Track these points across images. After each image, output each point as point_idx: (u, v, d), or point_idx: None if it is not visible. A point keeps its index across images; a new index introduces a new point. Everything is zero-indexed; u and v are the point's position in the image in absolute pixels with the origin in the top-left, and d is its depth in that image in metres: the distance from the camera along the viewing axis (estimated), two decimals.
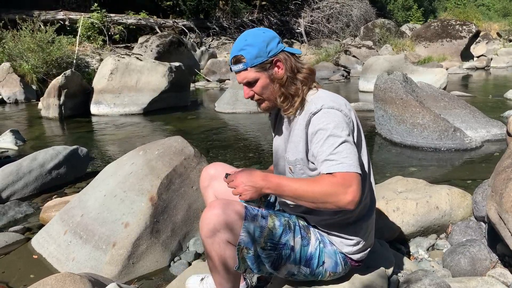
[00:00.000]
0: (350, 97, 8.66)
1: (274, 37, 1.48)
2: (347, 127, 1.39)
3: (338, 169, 1.31)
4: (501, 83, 10.77)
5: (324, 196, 1.30)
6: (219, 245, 1.37)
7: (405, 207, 2.28)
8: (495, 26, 28.24)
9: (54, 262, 2.16)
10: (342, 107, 1.44)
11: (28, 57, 9.49)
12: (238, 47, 1.47)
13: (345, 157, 1.33)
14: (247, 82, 1.49)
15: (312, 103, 1.46)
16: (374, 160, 4.12)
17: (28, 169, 3.23)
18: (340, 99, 1.50)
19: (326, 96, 1.48)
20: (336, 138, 1.36)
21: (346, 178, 1.29)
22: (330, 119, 1.39)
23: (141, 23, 15.60)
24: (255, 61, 1.45)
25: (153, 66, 7.42)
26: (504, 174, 1.80)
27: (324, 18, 20.38)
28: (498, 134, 4.48)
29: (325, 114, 1.40)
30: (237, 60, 1.46)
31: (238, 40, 1.49)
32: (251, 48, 1.44)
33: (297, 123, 1.50)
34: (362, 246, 1.55)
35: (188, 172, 2.40)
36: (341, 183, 1.29)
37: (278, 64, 1.47)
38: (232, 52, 1.49)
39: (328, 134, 1.36)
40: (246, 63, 1.45)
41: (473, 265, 1.90)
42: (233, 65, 1.49)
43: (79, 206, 2.35)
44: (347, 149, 1.34)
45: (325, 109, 1.41)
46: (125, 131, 5.91)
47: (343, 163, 1.32)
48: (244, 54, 1.45)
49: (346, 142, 1.35)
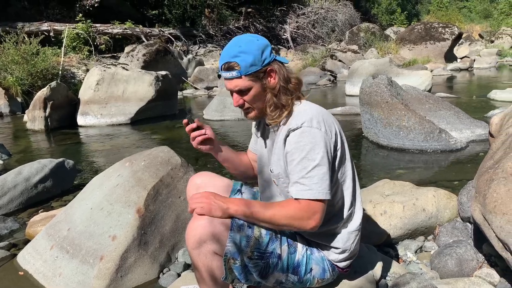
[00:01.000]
0: (337, 101, 8.72)
1: (268, 45, 1.47)
2: (325, 148, 1.39)
3: (306, 196, 1.36)
4: (484, 84, 10.95)
5: (289, 220, 1.37)
6: (206, 256, 1.36)
7: (392, 210, 2.30)
8: (477, 28, 28.79)
9: (40, 278, 2.12)
10: (322, 124, 1.42)
11: (12, 70, 9.39)
12: (231, 53, 1.42)
13: (316, 183, 1.36)
14: (239, 90, 1.46)
15: (294, 118, 1.45)
16: (362, 163, 4.15)
17: (13, 184, 3.18)
18: (322, 114, 1.47)
19: (309, 110, 1.46)
20: (310, 162, 1.37)
21: (312, 206, 1.37)
22: (307, 139, 1.38)
23: (127, 32, 15.56)
24: (250, 69, 1.42)
25: (140, 76, 7.39)
26: (486, 175, 1.83)
27: (310, 24, 20.55)
28: (482, 134, 4.55)
29: (303, 133, 1.39)
30: (230, 67, 1.42)
31: (231, 46, 1.45)
32: (246, 55, 1.41)
33: (279, 136, 1.50)
34: (348, 254, 1.56)
35: (175, 182, 2.39)
36: (306, 210, 1.36)
37: (271, 74, 1.46)
38: (223, 57, 1.44)
39: (303, 156, 1.38)
40: (240, 71, 1.41)
41: (460, 266, 1.92)
42: (224, 71, 1.44)
43: (66, 220, 2.32)
44: (319, 174, 1.37)
45: (305, 127, 1.39)
46: (112, 141, 5.87)
47: (312, 189, 1.36)
48: (239, 61, 1.41)
49: (320, 166, 1.37)
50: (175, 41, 16.66)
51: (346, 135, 1.58)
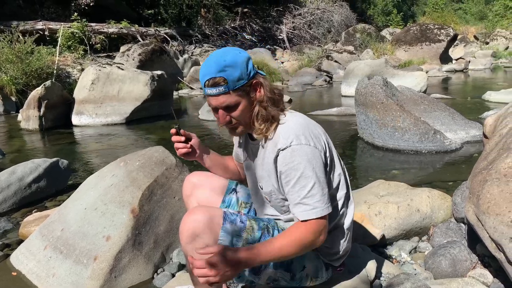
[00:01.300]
0: (333, 102, 8.74)
1: (250, 58, 1.42)
2: (317, 162, 1.38)
3: (313, 216, 1.36)
4: (479, 85, 11.01)
5: (300, 246, 1.36)
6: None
7: (387, 210, 2.31)
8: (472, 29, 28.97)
9: (33, 278, 2.11)
10: (311, 139, 1.39)
11: (6, 68, 9.32)
12: (216, 68, 1.34)
13: (318, 201, 1.37)
14: (227, 107, 1.38)
15: (280, 136, 1.40)
16: (357, 164, 4.16)
17: (6, 184, 3.16)
18: (307, 126, 1.44)
19: (294, 126, 1.42)
20: (307, 180, 1.36)
21: (319, 224, 1.37)
22: (300, 158, 1.36)
23: (123, 32, 15.50)
24: (238, 83, 1.35)
25: (135, 75, 7.37)
26: (480, 176, 1.84)
27: (306, 24, 20.58)
28: (477, 135, 4.57)
29: (294, 152, 1.36)
30: (216, 83, 1.34)
31: (214, 60, 1.36)
32: (233, 69, 1.34)
33: (266, 153, 1.47)
34: (341, 253, 1.57)
35: (170, 183, 2.39)
36: (315, 230, 1.37)
37: (256, 87, 1.41)
38: (207, 73, 1.35)
39: (298, 175, 1.36)
40: (228, 86, 1.34)
41: (454, 266, 1.92)
42: (210, 87, 1.35)
43: (59, 220, 2.31)
44: (319, 191, 1.37)
45: (294, 145, 1.36)
46: (107, 141, 5.84)
47: (316, 208, 1.36)
48: (226, 76, 1.33)
49: (318, 182, 1.37)
50: (171, 41, 16.62)
51: (341, 135, 1.59)
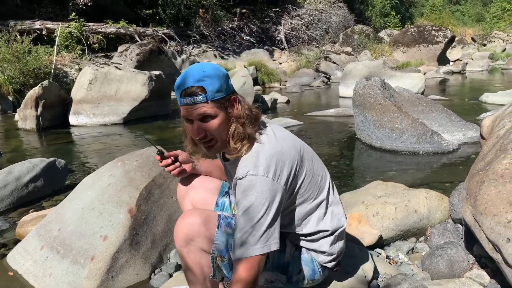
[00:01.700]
0: (331, 103, 8.75)
1: (228, 75, 1.38)
2: (271, 196, 1.30)
3: (249, 254, 1.29)
4: (476, 87, 11.05)
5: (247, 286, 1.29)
6: (194, 254, 1.37)
7: (385, 211, 2.31)
8: (469, 31, 29.08)
9: (30, 278, 2.10)
10: (271, 171, 1.31)
11: (4, 68, 9.29)
12: (194, 77, 1.29)
13: (259, 237, 1.29)
14: (204, 117, 1.32)
15: (241, 165, 1.35)
16: (354, 164, 4.17)
17: (3, 183, 3.14)
18: (274, 156, 1.34)
19: (256, 153, 1.34)
20: (254, 213, 1.29)
21: (256, 261, 1.30)
22: (253, 189, 1.29)
23: (121, 32, 15.47)
24: (216, 95, 1.30)
25: (133, 75, 7.36)
26: (477, 177, 1.84)
27: (304, 25, 20.61)
28: (474, 136, 4.58)
29: (248, 182, 1.29)
30: (193, 92, 1.29)
31: (193, 71, 1.32)
32: (212, 80, 1.30)
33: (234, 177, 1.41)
34: (335, 255, 1.57)
35: (168, 183, 2.38)
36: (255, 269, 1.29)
37: (234, 103, 1.36)
38: (185, 82, 1.30)
39: (247, 206, 1.29)
40: (207, 95, 1.29)
41: (451, 267, 1.93)
42: (186, 97, 1.30)
43: (56, 220, 2.30)
44: (263, 226, 1.29)
45: (250, 176, 1.30)
46: (104, 141, 5.83)
47: (255, 245, 1.29)
48: (205, 85, 1.29)
49: (264, 216, 1.29)
50: (169, 41, 16.61)
51: (339, 136, 1.59)
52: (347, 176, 3.68)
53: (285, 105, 8.83)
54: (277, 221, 1.33)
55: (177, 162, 1.65)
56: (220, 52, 17.25)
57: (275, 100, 8.50)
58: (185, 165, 1.70)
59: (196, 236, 1.34)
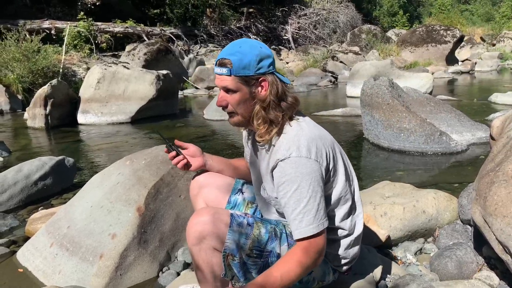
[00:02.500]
0: (338, 103, 8.72)
1: (269, 56, 1.40)
2: (316, 177, 1.35)
3: (306, 233, 1.34)
4: (485, 87, 10.95)
5: (304, 271, 1.36)
6: (206, 252, 1.37)
7: (393, 212, 2.30)
8: (478, 30, 28.79)
9: (40, 275, 2.12)
10: (313, 152, 1.36)
11: (13, 67, 9.38)
12: (229, 50, 1.38)
13: (313, 216, 1.34)
14: (226, 89, 1.40)
15: (281, 147, 1.38)
16: (362, 165, 4.15)
17: (13, 181, 3.18)
18: (313, 137, 1.39)
19: (298, 137, 1.38)
20: (302, 194, 1.33)
21: (315, 243, 1.35)
22: (298, 170, 1.33)
23: (128, 31, 15.55)
24: (241, 71, 1.36)
25: (141, 74, 7.39)
26: (487, 177, 1.83)
27: (311, 25, 20.56)
28: (483, 137, 4.55)
29: (292, 164, 1.33)
30: (222, 63, 1.37)
31: (232, 44, 1.41)
32: (242, 56, 1.36)
33: (270, 159, 1.44)
34: (349, 259, 1.57)
35: (176, 181, 2.39)
36: (312, 251, 1.35)
37: (263, 84, 1.39)
38: (222, 53, 1.40)
39: (295, 188, 1.34)
40: (232, 69, 1.36)
41: (459, 268, 1.91)
42: (217, 66, 1.40)
43: (65, 218, 2.32)
44: (314, 206, 1.34)
45: (293, 157, 1.34)
46: (112, 140, 5.86)
47: (309, 225, 1.34)
48: (233, 60, 1.36)
49: (313, 198, 1.34)
50: (176, 41, 16.66)
51: (346, 136, 1.59)
52: None
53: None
54: (324, 199, 1.38)
55: (182, 155, 1.65)
56: None
57: None
58: (195, 159, 1.69)
59: (208, 235, 1.35)
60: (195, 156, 1.68)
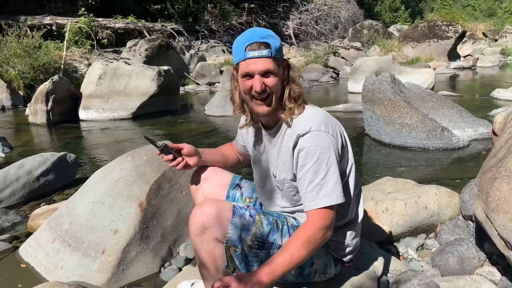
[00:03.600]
0: (340, 99, 8.71)
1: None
2: (333, 151, 1.41)
3: (324, 203, 1.37)
4: (487, 83, 10.92)
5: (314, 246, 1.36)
6: (208, 243, 1.38)
7: (394, 207, 2.30)
8: (480, 26, 28.63)
9: (42, 270, 2.13)
10: (330, 128, 1.43)
11: (14, 63, 9.37)
12: (260, 34, 1.39)
13: (331, 188, 1.38)
14: (267, 71, 1.39)
15: (300, 124, 1.44)
16: (363, 160, 4.15)
17: (15, 177, 3.18)
18: (327, 117, 1.48)
19: (313, 114, 1.47)
20: (321, 166, 1.38)
21: (326, 216, 1.38)
22: (318, 143, 1.39)
23: (129, 27, 15.52)
24: (278, 53, 1.41)
25: (142, 70, 7.38)
26: (489, 173, 1.82)
27: (313, 20, 20.48)
28: (485, 133, 4.54)
29: (313, 137, 1.40)
30: (262, 45, 1.37)
31: (256, 31, 1.41)
32: (274, 39, 1.40)
33: (284, 141, 1.49)
34: (352, 248, 1.57)
35: (177, 177, 2.39)
36: (322, 224, 1.37)
37: (288, 67, 1.47)
38: (251, 38, 1.38)
39: (314, 160, 1.38)
40: (271, 51, 1.38)
41: (461, 264, 1.92)
42: (253, 50, 1.37)
43: (67, 214, 2.33)
44: (332, 179, 1.39)
45: (313, 131, 1.40)
46: (114, 136, 5.87)
47: (326, 196, 1.37)
48: (270, 42, 1.38)
49: (331, 170, 1.39)
50: (178, 37, 16.62)
51: (348, 132, 1.59)
52: None
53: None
54: (339, 175, 1.42)
55: (180, 156, 1.64)
56: (229, 47, 17.21)
57: None
58: (191, 158, 1.68)
59: (211, 226, 1.36)
60: (191, 155, 1.68)
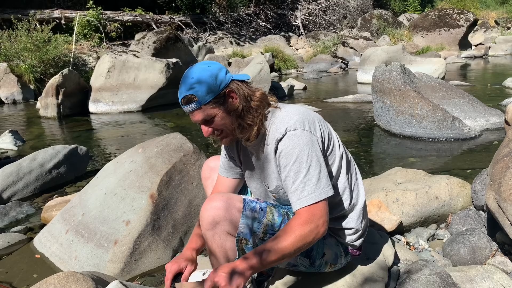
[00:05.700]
0: (349, 89, 8.65)
1: (221, 68, 1.40)
2: (312, 146, 1.38)
3: (309, 202, 1.34)
4: (499, 71, 10.75)
5: (304, 242, 1.32)
6: (220, 237, 1.39)
7: (405, 198, 2.29)
8: (492, 14, 28.13)
9: (56, 261, 2.17)
10: (306, 125, 1.40)
11: (25, 57, 9.47)
12: (186, 86, 1.37)
13: (314, 185, 1.35)
14: (204, 121, 1.40)
15: (276, 129, 1.41)
16: (374, 151, 4.13)
17: (28, 169, 3.23)
18: (302, 113, 1.44)
19: (287, 115, 1.43)
20: (301, 164, 1.36)
21: (315, 212, 1.34)
22: (295, 142, 1.37)
23: (137, 19, 15.53)
24: (207, 97, 1.36)
25: (151, 63, 7.40)
26: (502, 163, 1.81)
27: (321, 10, 20.28)
28: (497, 122, 4.48)
29: (290, 137, 1.38)
30: (188, 100, 1.36)
31: (184, 80, 1.39)
32: (200, 85, 1.35)
33: (267, 149, 1.47)
34: (361, 232, 1.58)
35: (188, 169, 2.41)
36: (312, 220, 1.33)
37: (231, 95, 1.40)
38: (181, 92, 1.38)
39: (294, 160, 1.36)
40: (199, 101, 1.35)
41: (473, 254, 1.91)
42: (184, 105, 1.39)
43: (80, 205, 2.36)
44: (315, 175, 1.36)
45: (289, 132, 1.38)
46: (124, 128, 5.91)
47: (311, 193, 1.34)
48: (194, 92, 1.35)
49: (313, 167, 1.36)
50: (185, 28, 16.60)
51: (357, 123, 1.59)
52: (366, 163, 3.65)
53: (302, 92, 8.76)
54: (325, 168, 1.40)
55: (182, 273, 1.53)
56: (236, 39, 17.16)
57: (292, 86, 8.45)
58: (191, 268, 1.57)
59: (222, 220, 1.36)
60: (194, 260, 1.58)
